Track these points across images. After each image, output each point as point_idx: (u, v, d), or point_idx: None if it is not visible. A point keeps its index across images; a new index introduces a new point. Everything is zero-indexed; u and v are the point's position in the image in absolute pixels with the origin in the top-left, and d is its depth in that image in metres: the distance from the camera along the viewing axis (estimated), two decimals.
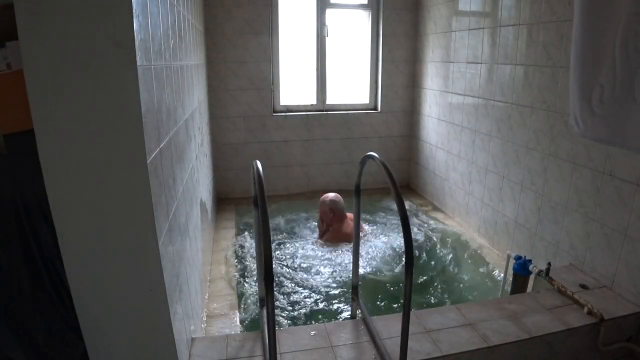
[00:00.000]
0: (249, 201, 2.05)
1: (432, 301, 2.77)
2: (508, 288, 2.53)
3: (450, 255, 3.36)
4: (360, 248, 2.98)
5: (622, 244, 2.15)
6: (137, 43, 1.15)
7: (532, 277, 2.42)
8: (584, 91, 1.67)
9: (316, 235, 3.55)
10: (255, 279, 2.80)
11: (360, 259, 2.39)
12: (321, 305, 2.66)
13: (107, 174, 1.19)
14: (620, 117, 1.56)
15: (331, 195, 3.44)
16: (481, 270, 3.06)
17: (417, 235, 3.60)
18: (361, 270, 2.77)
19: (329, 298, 2.73)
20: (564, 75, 2.46)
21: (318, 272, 3.01)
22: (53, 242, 1.42)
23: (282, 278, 2.92)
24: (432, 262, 3.29)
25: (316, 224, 3.66)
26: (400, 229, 1.47)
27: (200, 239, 2.48)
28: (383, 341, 1.86)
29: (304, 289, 2.82)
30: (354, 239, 2.15)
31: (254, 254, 2.86)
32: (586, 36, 1.62)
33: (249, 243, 3.41)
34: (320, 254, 3.22)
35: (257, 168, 1.53)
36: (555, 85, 2.52)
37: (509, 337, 1.90)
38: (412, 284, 1.50)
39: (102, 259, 1.26)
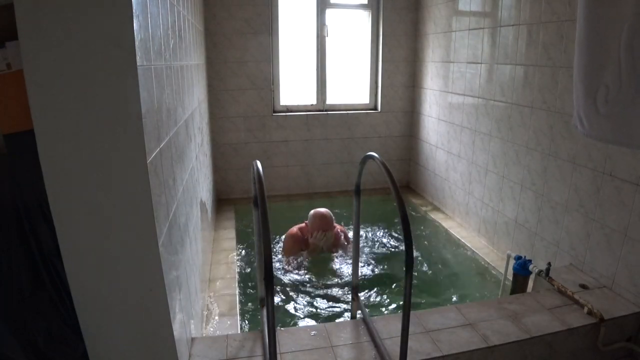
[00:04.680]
0: (249, 201, 2.05)
1: (432, 301, 2.77)
2: (508, 288, 2.53)
3: (450, 256, 3.36)
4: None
5: (622, 244, 2.15)
6: (137, 43, 1.15)
7: (532, 277, 2.42)
8: (588, 91, 1.67)
9: None
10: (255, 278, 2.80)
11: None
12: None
13: (107, 174, 1.19)
14: (626, 117, 1.56)
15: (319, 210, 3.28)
16: (481, 270, 3.06)
17: (417, 235, 3.60)
18: None
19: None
20: (564, 75, 2.46)
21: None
22: (53, 242, 1.42)
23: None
24: (432, 263, 3.28)
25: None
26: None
27: (200, 239, 2.48)
28: (383, 341, 1.86)
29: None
30: (354, 239, 2.15)
31: (254, 254, 2.86)
32: (591, 36, 1.62)
33: (249, 243, 3.41)
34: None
35: (257, 168, 1.53)
36: (555, 85, 2.52)
37: (509, 337, 1.90)
38: (412, 284, 1.50)
39: (102, 258, 1.26)
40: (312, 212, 3.22)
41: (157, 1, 1.48)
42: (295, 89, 4.38)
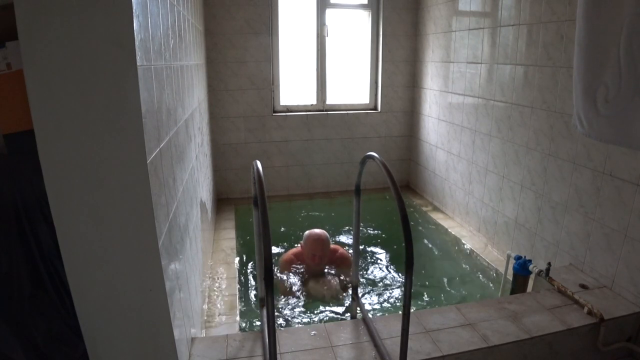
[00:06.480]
0: (249, 201, 2.05)
1: (432, 301, 2.77)
2: (508, 288, 2.53)
3: (450, 255, 3.36)
4: None
5: (622, 244, 2.15)
6: (137, 43, 1.15)
7: (532, 277, 2.42)
8: (588, 91, 1.67)
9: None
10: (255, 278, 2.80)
11: None
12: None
13: (107, 174, 1.19)
14: (626, 117, 1.56)
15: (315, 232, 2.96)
16: (481, 270, 3.06)
17: (417, 235, 3.60)
18: None
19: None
20: (564, 75, 2.46)
21: None
22: (53, 242, 1.42)
23: None
24: (432, 263, 3.28)
25: None
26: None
27: (200, 239, 2.48)
28: (383, 341, 1.86)
29: None
30: (354, 239, 2.15)
31: (254, 254, 2.84)
32: (590, 36, 1.62)
33: (249, 243, 3.41)
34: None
35: (257, 168, 1.53)
36: (555, 85, 2.52)
37: (509, 337, 1.90)
38: (412, 284, 1.50)
39: (102, 259, 1.26)
40: (307, 232, 3.01)
41: (157, 1, 1.48)
42: (295, 89, 4.38)
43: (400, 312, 1.58)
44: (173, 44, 1.83)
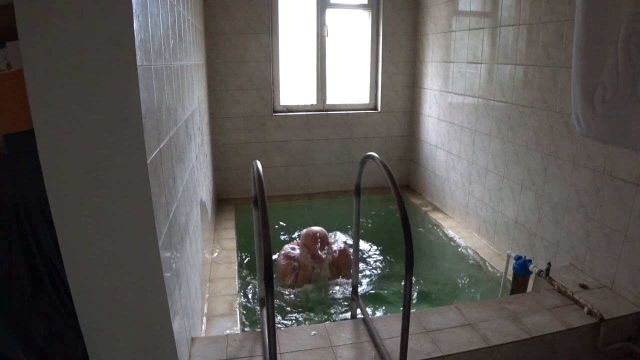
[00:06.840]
0: (249, 201, 2.05)
1: (432, 301, 2.77)
2: (508, 288, 2.53)
3: (450, 256, 3.36)
4: None
5: (622, 244, 2.15)
6: (137, 43, 1.15)
7: (532, 277, 2.42)
8: (586, 91, 1.68)
9: None
10: (255, 278, 2.79)
11: None
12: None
13: (107, 174, 1.19)
14: (623, 117, 1.56)
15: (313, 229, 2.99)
16: (481, 270, 3.06)
17: (417, 235, 3.60)
18: None
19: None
20: (564, 75, 2.46)
21: None
22: (53, 242, 1.42)
23: None
24: (432, 263, 3.28)
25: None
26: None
27: (200, 239, 2.48)
28: (383, 341, 1.86)
29: None
30: (354, 239, 2.15)
31: (254, 254, 2.84)
32: (588, 36, 1.63)
33: (249, 243, 3.41)
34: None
35: (257, 168, 1.53)
36: (555, 85, 2.53)
37: (509, 337, 1.91)
38: (412, 284, 1.50)
39: (102, 259, 1.26)
40: (304, 230, 3.02)
41: (157, 1, 1.48)
42: (295, 89, 4.38)
43: (400, 312, 1.58)
44: (173, 44, 1.83)
